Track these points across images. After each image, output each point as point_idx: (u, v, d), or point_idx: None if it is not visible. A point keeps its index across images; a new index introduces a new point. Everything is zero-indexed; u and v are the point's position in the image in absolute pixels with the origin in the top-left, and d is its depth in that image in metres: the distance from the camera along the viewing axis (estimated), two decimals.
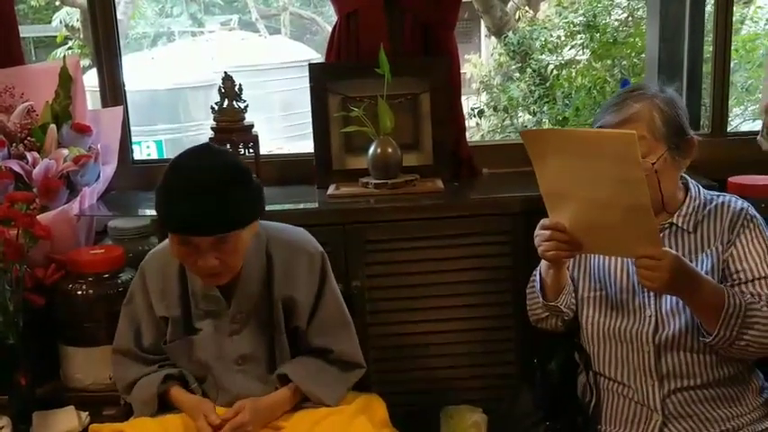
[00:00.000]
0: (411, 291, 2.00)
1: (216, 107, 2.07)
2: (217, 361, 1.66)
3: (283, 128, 6.94)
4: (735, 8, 2.34)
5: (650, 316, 1.56)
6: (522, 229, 1.92)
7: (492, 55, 6.77)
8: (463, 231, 1.97)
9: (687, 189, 1.64)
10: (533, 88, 5.43)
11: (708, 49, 2.40)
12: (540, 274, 1.67)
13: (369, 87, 2.12)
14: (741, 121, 5.15)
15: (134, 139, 2.46)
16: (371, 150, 2.09)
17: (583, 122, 4.80)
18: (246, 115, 2.12)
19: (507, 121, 6.21)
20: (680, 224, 1.59)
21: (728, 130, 2.39)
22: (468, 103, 7.53)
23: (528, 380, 1.83)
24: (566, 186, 1.46)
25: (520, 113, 6.04)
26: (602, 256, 1.64)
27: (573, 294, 1.67)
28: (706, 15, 2.40)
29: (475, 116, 5.78)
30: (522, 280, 1.77)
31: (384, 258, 1.98)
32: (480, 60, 7.06)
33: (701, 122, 2.42)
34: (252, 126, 2.10)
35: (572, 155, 1.40)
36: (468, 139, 2.30)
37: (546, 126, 5.36)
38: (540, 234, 1.55)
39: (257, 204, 1.55)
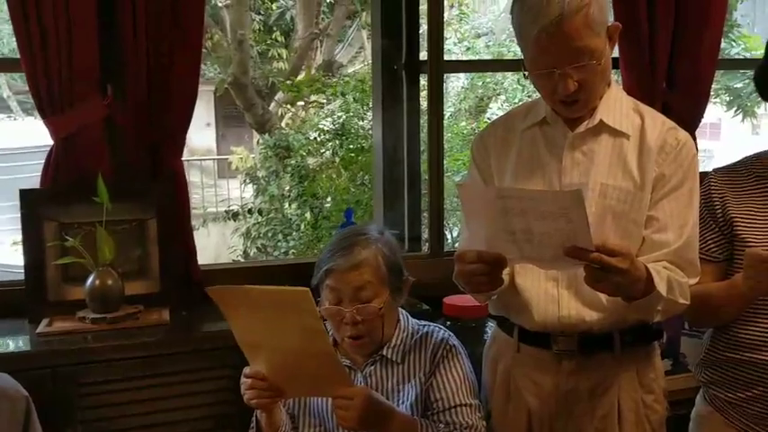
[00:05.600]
0: None
1: None
2: None
3: None
4: (466, 122, 2.56)
5: None
6: None
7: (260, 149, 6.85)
8: (188, 368, 1.91)
9: (398, 319, 1.73)
10: (292, 186, 5.56)
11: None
12: (256, 416, 1.65)
13: (89, 213, 2.01)
14: None
15: None
16: (89, 282, 1.97)
17: (334, 224, 4.97)
18: None
19: (273, 214, 6.27)
20: (389, 356, 1.67)
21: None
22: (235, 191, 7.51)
23: None
24: (258, 337, 1.50)
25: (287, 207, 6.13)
26: None
27: None
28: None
29: (230, 218, 5.77)
30: (251, 417, 1.73)
31: (100, 402, 1.85)
32: (246, 153, 7.12)
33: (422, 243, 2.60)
34: None
35: (258, 308, 1.45)
36: (201, 262, 2.26)
37: (306, 223, 5.49)
38: (243, 382, 1.56)
39: None
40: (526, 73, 1.52)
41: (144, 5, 2.03)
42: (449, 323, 2.10)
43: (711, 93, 2.68)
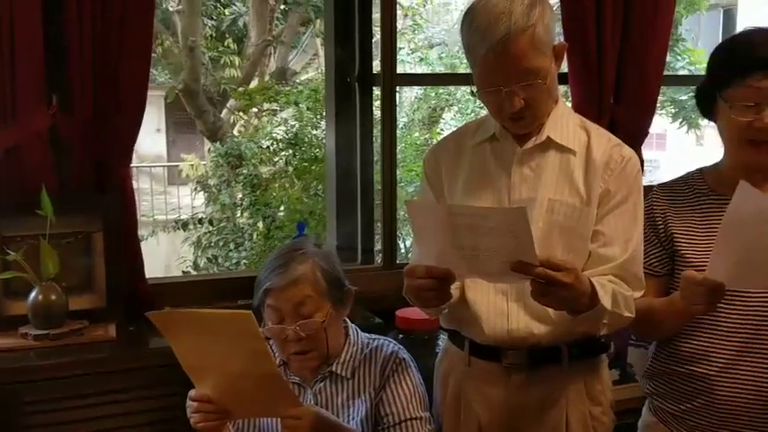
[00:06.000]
0: None
1: None
2: None
3: None
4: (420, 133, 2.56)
5: None
6: None
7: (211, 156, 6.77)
8: (135, 385, 1.87)
9: (347, 334, 1.72)
10: (245, 195, 5.51)
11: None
12: None
13: (32, 226, 1.95)
14: None
15: None
16: (32, 298, 1.92)
17: (287, 234, 4.94)
18: None
19: (224, 223, 6.19)
20: (339, 372, 1.66)
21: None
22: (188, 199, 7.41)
23: None
24: (202, 361, 1.49)
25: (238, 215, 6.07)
26: None
27: None
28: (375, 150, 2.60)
29: (179, 228, 5.70)
30: None
31: (45, 421, 1.80)
32: (197, 160, 7.03)
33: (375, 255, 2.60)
34: None
35: (201, 332, 1.45)
36: (152, 275, 2.22)
37: (259, 232, 5.43)
38: (188, 406, 1.54)
39: None
40: (475, 89, 1.54)
41: (90, 10, 1.98)
42: (401, 336, 2.10)
43: (657, 105, 2.75)
